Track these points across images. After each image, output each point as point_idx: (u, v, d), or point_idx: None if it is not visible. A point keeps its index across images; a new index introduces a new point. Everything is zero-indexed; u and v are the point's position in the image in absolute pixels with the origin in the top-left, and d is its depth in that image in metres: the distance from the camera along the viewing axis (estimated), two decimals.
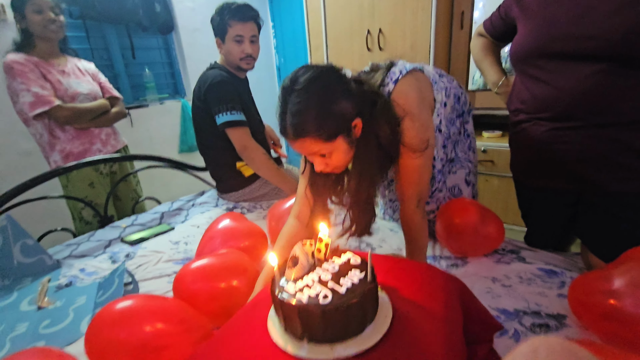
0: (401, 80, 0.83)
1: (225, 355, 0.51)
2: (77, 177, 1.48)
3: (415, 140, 0.82)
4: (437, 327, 0.52)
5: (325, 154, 0.76)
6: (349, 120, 0.74)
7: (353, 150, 0.79)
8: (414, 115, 0.82)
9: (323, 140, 0.72)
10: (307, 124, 0.70)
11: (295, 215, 0.94)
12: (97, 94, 1.59)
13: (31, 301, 0.96)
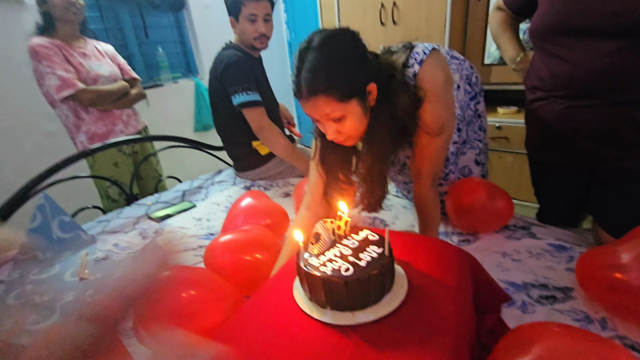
0: (426, 61, 0.81)
1: (257, 321, 0.56)
2: (103, 158, 1.55)
3: (437, 123, 0.82)
4: (449, 296, 0.57)
5: (339, 117, 0.74)
6: (364, 83, 0.74)
7: (367, 120, 0.78)
8: (439, 97, 0.81)
9: (336, 100, 0.71)
10: (321, 80, 0.69)
11: (307, 206, 0.95)
12: (117, 75, 1.63)
13: (73, 273, 1.05)
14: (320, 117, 0.76)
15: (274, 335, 0.52)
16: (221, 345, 0.43)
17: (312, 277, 0.54)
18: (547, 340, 0.51)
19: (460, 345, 0.50)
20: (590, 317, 0.73)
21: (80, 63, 1.48)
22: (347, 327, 0.51)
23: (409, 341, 0.48)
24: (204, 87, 2.89)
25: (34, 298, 0.95)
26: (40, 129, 2.07)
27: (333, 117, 0.74)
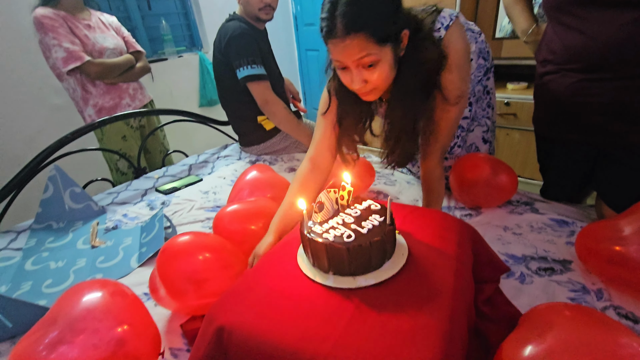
0: (452, 27, 0.79)
1: (263, 284, 0.59)
2: (111, 131, 1.57)
3: (455, 92, 0.82)
4: (448, 264, 0.58)
5: (372, 62, 0.70)
6: (400, 28, 0.70)
7: (394, 72, 0.75)
8: (461, 67, 0.81)
9: (374, 41, 0.67)
10: (361, 15, 0.65)
11: (310, 157, 0.94)
12: (122, 48, 1.62)
13: (85, 241, 1.09)
14: (351, 62, 0.70)
15: (279, 298, 0.54)
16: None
17: (316, 244, 0.56)
18: (560, 325, 0.50)
19: (457, 308, 0.52)
20: (586, 288, 0.75)
21: (85, 35, 1.47)
22: (349, 290, 0.53)
23: (408, 303, 0.50)
24: (209, 62, 2.85)
25: (50, 264, 1.00)
26: (48, 103, 2.08)
27: (366, 62, 0.70)
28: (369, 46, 0.67)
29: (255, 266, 0.64)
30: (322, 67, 0.93)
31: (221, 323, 0.50)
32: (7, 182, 1.20)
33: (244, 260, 0.78)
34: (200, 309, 0.73)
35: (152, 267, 0.93)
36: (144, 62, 1.70)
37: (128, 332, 0.57)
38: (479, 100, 1.08)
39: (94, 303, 0.58)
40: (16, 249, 1.08)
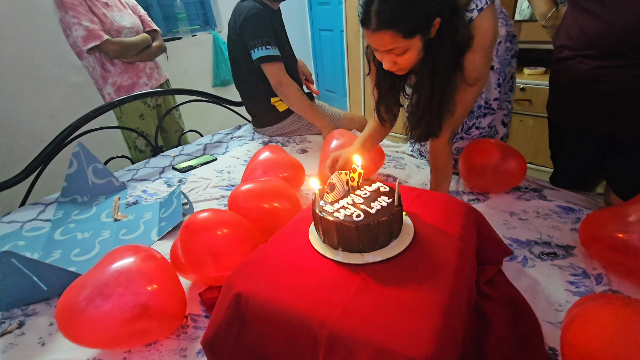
0: (485, 11, 0.81)
1: (276, 258, 0.63)
2: (129, 110, 1.61)
3: (474, 74, 0.85)
4: (452, 244, 0.61)
5: (401, 52, 0.77)
6: (431, 19, 0.74)
7: (423, 53, 0.80)
8: (485, 50, 0.83)
9: (402, 37, 0.73)
10: (392, 15, 0.70)
11: (374, 117, 1.04)
12: (139, 27, 1.64)
13: (108, 214, 1.16)
14: (381, 49, 0.78)
15: (291, 270, 0.58)
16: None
17: (327, 222, 0.60)
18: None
19: (457, 285, 0.56)
20: (587, 273, 0.77)
21: (103, 14, 1.49)
22: (357, 265, 0.57)
23: (411, 278, 0.54)
24: (222, 41, 2.85)
25: (77, 235, 1.07)
26: (67, 80, 2.13)
27: (395, 52, 0.77)
28: (397, 41, 0.74)
29: (269, 242, 0.68)
30: (336, 47, 0.98)
31: (239, 290, 0.55)
32: (35, 157, 1.26)
33: (257, 236, 0.83)
34: (217, 280, 0.79)
35: (171, 240, 1.00)
36: (159, 41, 1.72)
37: (157, 291, 0.64)
38: (504, 82, 1.09)
39: (129, 264, 0.66)
40: (45, 219, 1.15)
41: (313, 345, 0.48)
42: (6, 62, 1.91)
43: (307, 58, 3.78)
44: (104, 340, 0.63)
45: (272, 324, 0.52)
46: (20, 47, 1.95)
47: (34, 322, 0.77)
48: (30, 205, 1.23)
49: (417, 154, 1.40)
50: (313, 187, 0.64)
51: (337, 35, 3.35)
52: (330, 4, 3.32)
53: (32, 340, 0.73)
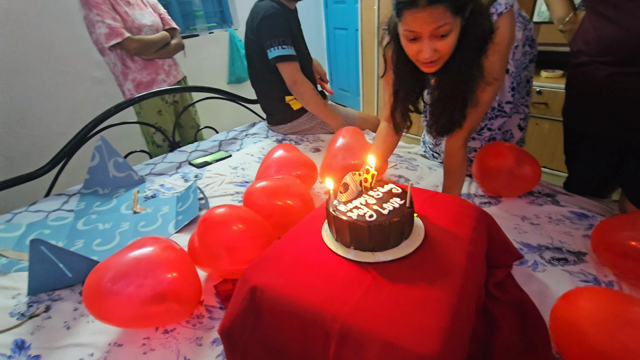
0: (504, 15, 0.83)
1: (289, 254, 0.65)
2: (148, 105, 1.66)
3: (492, 74, 0.85)
4: (462, 247, 0.63)
5: (447, 32, 0.74)
6: (468, 1, 0.74)
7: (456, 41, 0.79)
8: (501, 53, 0.85)
9: (451, 13, 0.71)
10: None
11: (386, 118, 1.04)
12: (159, 25, 1.69)
13: (127, 207, 1.20)
14: (427, 31, 0.74)
15: (304, 266, 0.61)
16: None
17: (340, 221, 0.62)
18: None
19: (466, 287, 0.57)
20: (598, 279, 0.77)
21: (125, 12, 1.53)
22: (368, 264, 0.59)
23: (421, 278, 0.55)
24: (238, 39, 2.89)
25: (98, 225, 1.11)
26: (89, 76, 2.20)
27: (440, 32, 0.74)
28: (446, 16, 0.72)
29: (283, 238, 0.70)
30: (350, 46, 0.99)
31: (255, 283, 0.57)
32: (60, 150, 1.32)
33: (270, 232, 0.86)
34: (231, 273, 0.82)
35: (187, 233, 1.03)
36: (178, 39, 1.76)
37: (176, 279, 0.69)
38: (520, 86, 1.09)
39: (151, 252, 0.70)
40: (68, 210, 1.21)
41: (325, 339, 0.50)
42: (31, 57, 1.99)
43: (321, 56, 3.79)
44: (127, 319, 0.68)
45: (285, 317, 0.54)
46: (46, 43, 2.02)
47: (60, 306, 0.81)
48: (54, 196, 1.28)
49: (429, 155, 1.41)
50: (328, 187, 0.66)
51: (352, 34, 3.35)
52: (346, 3, 3.32)
53: (58, 324, 0.77)
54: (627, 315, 0.55)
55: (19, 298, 0.84)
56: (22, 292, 0.85)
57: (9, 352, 0.71)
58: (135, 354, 0.69)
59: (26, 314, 0.79)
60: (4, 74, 1.93)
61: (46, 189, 1.36)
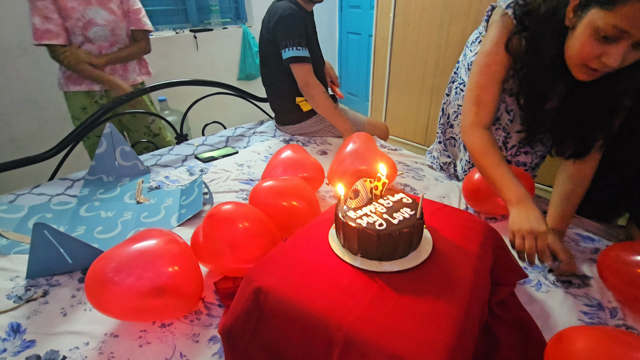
0: None
1: (294, 258, 0.65)
2: (74, 99, 1.55)
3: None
4: (469, 262, 0.62)
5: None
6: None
7: None
8: None
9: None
10: None
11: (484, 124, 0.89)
12: (116, 25, 1.48)
13: (131, 196, 1.20)
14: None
15: (310, 270, 0.60)
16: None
17: (349, 227, 0.61)
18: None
19: (472, 303, 0.56)
20: (602, 305, 0.76)
21: (71, 7, 1.34)
22: (374, 273, 0.59)
23: (428, 291, 0.55)
24: (251, 36, 2.89)
25: (100, 213, 1.11)
26: None
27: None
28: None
29: (289, 240, 0.70)
30: (362, 51, 0.97)
31: (259, 284, 0.57)
32: (67, 135, 1.31)
33: (275, 232, 0.85)
34: (232, 271, 0.81)
35: (189, 227, 1.03)
36: (141, 45, 1.59)
37: (178, 272, 0.68)
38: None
39: (154, 245, 0.69)
40: (72, 195, 1.20)
41: (328, 346, 0.50)
42: None
43: (332, 60, 3.79)
44: (126, 311, 0.67)
45: (288, 321, 0.53)
46: None
47: (58, 292, 0.80)
48: (58, 180, 1.28)
49: (437, 167, 1.40)
50: (339, 192, 0.66)
51: (364, 39, 3.35)
52: (361, 8, 3.33)
53: (54, 310, 0.76)
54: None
55: (17, 280, 0.83)
56: (20, 274, 0.84)
57: (4, 335, 0.70)
58: (131, 346, 0.68)
59: (23, 298, 0.78)
60: (15, 54, 1.92)
61: (50, 173, 1.35)
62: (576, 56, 0.69)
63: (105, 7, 1.45)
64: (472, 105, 0.89)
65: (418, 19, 2.30)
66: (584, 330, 0.59)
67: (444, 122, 1.29)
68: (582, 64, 0.69)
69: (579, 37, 0.67)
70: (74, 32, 1.41)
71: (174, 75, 2.56)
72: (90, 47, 1.47)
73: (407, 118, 2.64)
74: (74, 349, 0.67)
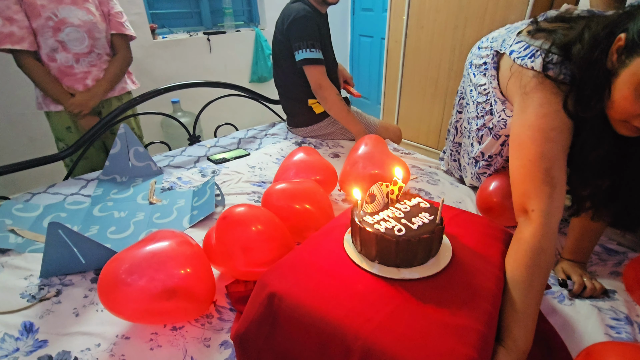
0: None
1: (311, 263, 0.63)
2: (57, 119, 1.41)
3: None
4: (490, 271, 0.60)
5: None
6: None
7: None
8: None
9: None
10: None
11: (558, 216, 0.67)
12: (94, 27, 1.31)
13: (144, 197, 1.20)
14: None
15: (325, 276, 0.58)
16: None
17: (366, 233, 0.59)
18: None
19: (493, 315, 0.54)
20: (630, 319, 0.73)
21: (42, 5, 1.19)
22: (393, 280, 0.57)
23: (450, 300, 0.53)
24: (264, 39, 2.90)
25: (113, 213, 1.11)
26: None
27: None
28: None
29: (303, 245, 0.68)
30: (374, 54, 0.91)
31: (273, 289, 0.55)
32: (82, 135, 1.32)
33: (288, 236, 0.83)
34: (244, 274, 0.80)
35: (201, 229, 1.02)
36: (123, 57, 1.43)
37: (190, 275, 0.67)
38: None
39: (167, 247, 0.69)
40: (86, 195, 1.21)
41: (344, 355, 0.48)
42: None
43: (344, 62, 3.78)
44: (138, 313, 0.66)
45: (304, 328, 0.52)
46: None
47: (70, 292, 0.80)
48: (73, 180, 1.29)
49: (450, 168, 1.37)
50: (355, 197, 0.64)
51: (377, 42, 3.33)
52: (374, 11, 3.31)
53: (67, 310, 0.76)
54: None
55: (30, 279, 0.83)
56: (34, 273, 0.85)
57: (17, 334, 0.70)
58: (142, 348, 0.67)
59: (37, 297, 0.78)
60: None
61: (65, 172, 1.37)
62: (616, 110, 0.60)
63: (81, 7, 1.28)
64: (541, 185, 0.65)
65: (432, 21, 2.27)
66: (615, 346, 0.55)
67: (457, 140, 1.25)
68: (623, 119, 0.61)
69: (620, 89, 0.58)
70: (44, 35, 1.22)
71: (187, 77, 2.59)
72: (65, 55, 1.29)
73: (420, 121, 2.61)
74: (85, 350, 0.67)
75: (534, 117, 0.69)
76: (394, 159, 1.17)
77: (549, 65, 0.69)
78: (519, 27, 0.86)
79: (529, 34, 0.79)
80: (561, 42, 0.68)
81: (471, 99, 1.05)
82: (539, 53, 0.73)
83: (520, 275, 0.60)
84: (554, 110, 0.67)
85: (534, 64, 0.73)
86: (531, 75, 0.73)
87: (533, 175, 0.66)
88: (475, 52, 1.04)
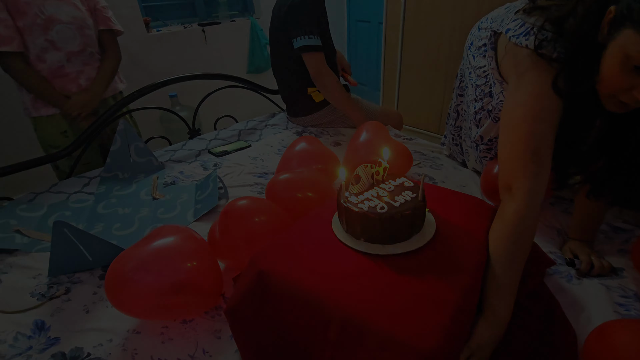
0: None
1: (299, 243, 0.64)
2: (49, 124, 1.35)
3: None
4: (474, 245, 0.61)
5: None
6: None
7: None
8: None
9: None
10: None
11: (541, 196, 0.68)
12: (83, 22, 1.25)
13: (147, 192, 1.20)
14: None
15: (313, 255, 0.60)
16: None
17: (351, 212, 0.60)
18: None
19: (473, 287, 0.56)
20: (639, 296, 0.73)
21: (26, 2, 1.12)
22: (377, 256, 0.58)
23: (428, 273, 0.55)
24: (260, 28, 2.86)
25: (118, 210, 1.11)
26: None
27: None
28: None
29: (293, 227, 0.69)
30: (372, 40, 0.89)
31: (262, 267, 0.58)
32: (81, 133, 1.32)
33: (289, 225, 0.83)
34: None
35: (206, 222, 1.02)
36: (113, 55, 1.38)
37: (196, 269, 0.67)
38: None
39: (172, 242, 0.69)
40: (89, 192, 1.21)
41: (326, 325, 0.51)
42: None
43: (341, 49, 3.73)
44: (147, 310, 0.67)
45: (290, 302, 0.55)
46: None
47: (79, 289, 0.81)
48: (75, 178, 1.29)
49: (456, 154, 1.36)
50: (341, 178, 0.64)
51: (374, 27, 3.27)
52: None
53: (77, 307, 0.77)
54: None
55: (39, 279, 0.84)
56: (42, 272, 0.86)
57: (29, 333, 0.71)
58: (154, 342, 0.68)
59: (46, 295, 0.79)
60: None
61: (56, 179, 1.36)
62: (603, 84, 0.59)
63: (68, 2, 1.21)
64: (528, 163, 0.65)
65: (430, 3, 2.22)
66: (628, 324, 0.55)
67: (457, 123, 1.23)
68: (610, 94, 0.60)
69: (607, 62, 0.57)
70: (33, 34, 1.15)
71: (183, 70, 2.54)
72: (56, 55, 1.23)
73: (421, 106, 2.58)
74: (97, 346, 0.68)
75: (526, 96, 0.69)
76: (397, 146, 1.16)
77: (543, 42, 0.67)
78: (518, 6, 0.84)
79: (524, 12, 0.78)
80: (554, 18, 0.66)
81: (470, 81, 1.04)
82: (533, 31, 0.71)
83: (502, 251, 0.61)
84: (546, 89, 0.66)
85: (528, 41, 0.71)
86: (525, 53, 0.72)
87: (521, 153, 0.66)
88: (476, 33, 1.02)
